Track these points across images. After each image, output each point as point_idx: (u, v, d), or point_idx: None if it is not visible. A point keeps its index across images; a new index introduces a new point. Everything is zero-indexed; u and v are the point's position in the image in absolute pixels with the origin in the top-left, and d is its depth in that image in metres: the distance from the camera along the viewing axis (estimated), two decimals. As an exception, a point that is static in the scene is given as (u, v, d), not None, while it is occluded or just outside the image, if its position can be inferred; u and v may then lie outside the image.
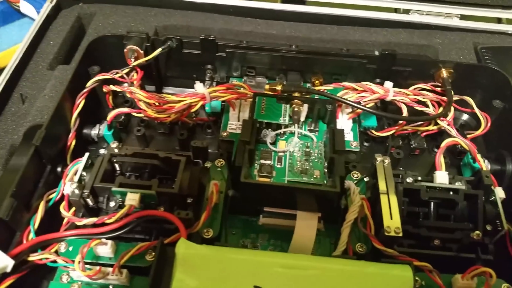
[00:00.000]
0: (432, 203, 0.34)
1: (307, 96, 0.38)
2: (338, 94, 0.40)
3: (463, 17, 0.51)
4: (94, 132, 0.40)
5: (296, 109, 0.37)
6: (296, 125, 0.36)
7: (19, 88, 0.42)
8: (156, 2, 0.51)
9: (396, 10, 0.51)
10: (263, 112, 0.36)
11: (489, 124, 0.40)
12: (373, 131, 0.41)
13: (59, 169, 0.36)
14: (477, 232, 0.32)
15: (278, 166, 0.34)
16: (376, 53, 0.41)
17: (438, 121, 0.40)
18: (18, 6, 0.64)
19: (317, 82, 0.44)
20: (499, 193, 0.34)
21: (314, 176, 0.34)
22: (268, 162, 0.34)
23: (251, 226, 0.35)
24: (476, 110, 0.40)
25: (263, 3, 0.51)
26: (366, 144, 0.42)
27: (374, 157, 0.35)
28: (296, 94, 0.39)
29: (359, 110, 0.40)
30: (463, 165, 0.40)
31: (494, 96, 0.41)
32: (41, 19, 0.48)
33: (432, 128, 0.40)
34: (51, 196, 0.34)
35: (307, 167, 0.34)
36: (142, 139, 0.41)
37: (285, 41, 0.48)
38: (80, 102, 0.38)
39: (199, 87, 0.38)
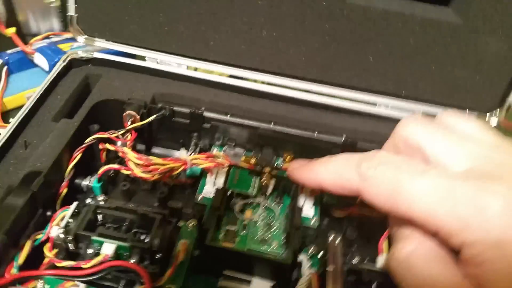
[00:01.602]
0: (373, 284, 0.38)
1: (275, 172, 0.44)
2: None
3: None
4: (84, 183, 0.44)
5: (264, 182, 0.42)
6: (263, 196, 0.42)
7: (24, 134, 0.47)
8: (156, 72, 0.58)
9: (365, 102, 0.59)
10: (235, 183, 0.41)
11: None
12: (333, 210, 0.46)
13: (48, 213, 0.40)
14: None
15: (242, 233, 0.39)
16: (340, 141, 0.48)
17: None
18: (32, 57, 0.71)
19: (288, 158, 0.50)
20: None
21: (272, 247, 0.38)
22: (233, 228, 0.39)
23: (211, 287, 0.39)
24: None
25: (250, 82, 0.58)
26: (326, 220, 0.47)
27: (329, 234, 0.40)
28: (267, 169, 0.44)
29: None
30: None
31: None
32: (53, 75, 0.54)
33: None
34: (37, 237, 0.38)
35: (267, 238, 0.39)
36: (126, 193, 0.45)
37: (266, 117, 0.54)
38: (77, 155, 0.43)
39: (182, 153, 0.44)
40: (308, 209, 0.45)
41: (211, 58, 0.58)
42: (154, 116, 0.47)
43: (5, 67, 0.69)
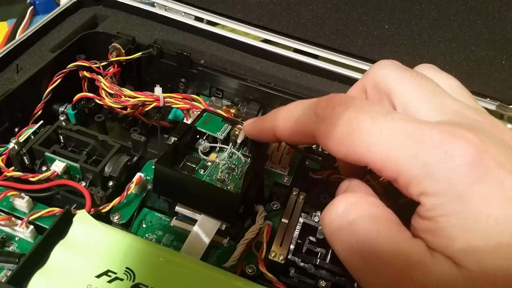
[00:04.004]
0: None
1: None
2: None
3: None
4: (61, 109, 0.44)
5: (236, 132, 0.39)
6: (231, 144, 0.39)
7: (19, 60, 0.48)
8: (163, 19, 0.57)
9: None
10: (205, 124, 0.39)
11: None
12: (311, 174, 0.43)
13: (16, 129, 0.41)
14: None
15: (201, 172, 0.37)
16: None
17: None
18: (59, 1, 0.73)
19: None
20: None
21: (228, 187, 0.35)
22: (193, 165, 0.37)
23: (163, 225, 0.38)
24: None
25: (255, 41, 0.56)
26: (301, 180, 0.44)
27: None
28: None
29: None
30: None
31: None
32: (60, 9, 0.55)
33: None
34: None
35: (225, 179, 0.36)
36: (102, 126, 0.45)
37: (266, 78, 0.52)
38: (57, 80, 0.43)
39: (157, 90, 0.42)
40: (284, 168, 0.42)
41: (219, 10, 0.57)
42: (140, 53, 0.46)
43: (31, 7, 0.71)
